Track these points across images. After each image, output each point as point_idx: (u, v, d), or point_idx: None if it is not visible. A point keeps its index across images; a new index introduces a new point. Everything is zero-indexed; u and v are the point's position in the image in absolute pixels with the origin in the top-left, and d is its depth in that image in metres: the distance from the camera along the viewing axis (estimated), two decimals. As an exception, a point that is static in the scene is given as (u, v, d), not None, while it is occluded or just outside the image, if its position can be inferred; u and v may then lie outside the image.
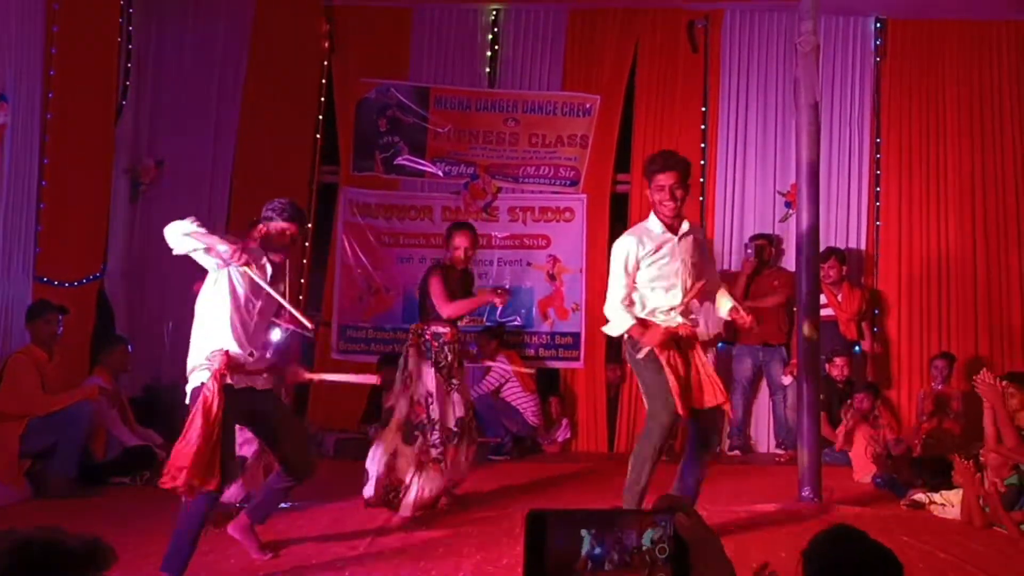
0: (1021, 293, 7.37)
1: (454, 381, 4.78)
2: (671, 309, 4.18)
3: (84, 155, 6.51)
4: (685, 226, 4.23)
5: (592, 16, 7.73)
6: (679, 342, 4.21)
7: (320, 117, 7.74)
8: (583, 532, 0.93)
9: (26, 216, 6.02)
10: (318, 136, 7.74)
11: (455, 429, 4.72)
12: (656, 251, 4.16)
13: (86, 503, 4.94)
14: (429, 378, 4.72)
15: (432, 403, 4.68)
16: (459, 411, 4.75)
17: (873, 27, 7.66)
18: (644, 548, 0.94)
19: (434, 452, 4.65)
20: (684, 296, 4.19)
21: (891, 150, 7.58)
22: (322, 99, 7.75)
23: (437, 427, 4.66)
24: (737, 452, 7.12)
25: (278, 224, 3.81)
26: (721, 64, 7.64)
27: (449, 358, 4.78)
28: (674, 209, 4.15)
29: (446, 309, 4.75)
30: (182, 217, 3.63)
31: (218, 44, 7.61)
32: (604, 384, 7.46)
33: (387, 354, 7.48)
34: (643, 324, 4.18)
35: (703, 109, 7.64)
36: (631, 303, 4.22)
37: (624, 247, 4.21)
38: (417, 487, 4.60)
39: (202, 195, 7.48)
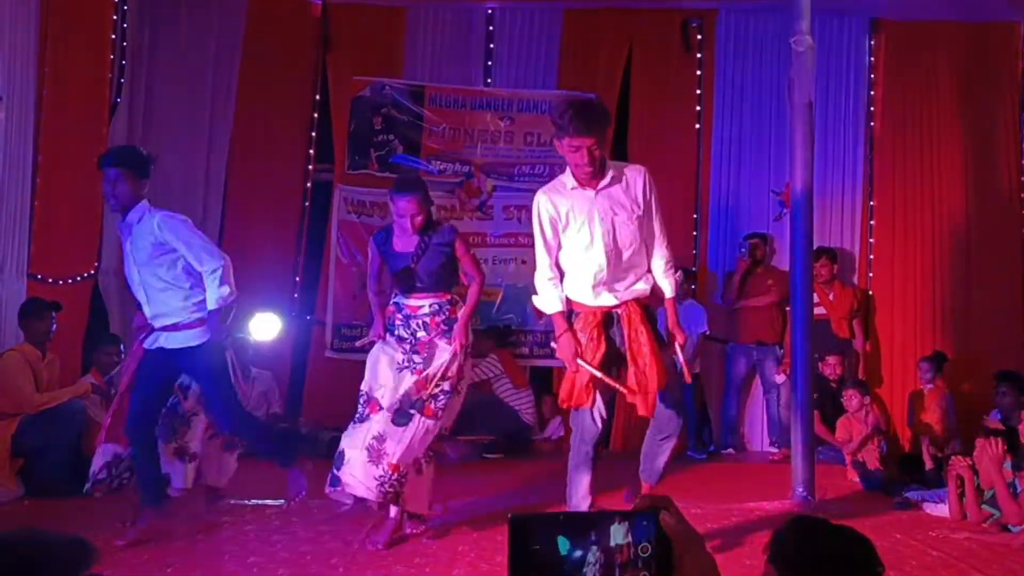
0: (1013, 292, 7.40)
1: (416, 358, 4.18)
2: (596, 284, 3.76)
3: (78, 153, 6.49)
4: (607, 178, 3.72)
5: (587, 15, 7.73)
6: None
7: (315, 115, 7.73)
8: (566, 534, 0.94)
9: (20, 214, 6.01)
10: (313, 134, 7.73)
11: (387, 413, 4.10)
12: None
13: (78, 502, 4.93)
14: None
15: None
16: (404, 391, 4.10)
17: (867, 27, 7.68)
18: (627, 548, 0.95)
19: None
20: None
21: (885, 149, 7.60)
22: (316, 97, 7.74)
23: (364, 399, 4.17)
24: (731, 450, 7.15)
25: None
26: (715, 63, 7.65)
27: (418, 333, 4.21)
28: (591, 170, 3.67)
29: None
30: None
31: (212, 42, 7.60)
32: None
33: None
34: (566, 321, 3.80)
35: (697, 108, 7.65)
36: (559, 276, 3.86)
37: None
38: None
39: (197, 193, 7.47)
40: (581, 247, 3.77)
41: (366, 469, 3.95)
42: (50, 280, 6.22)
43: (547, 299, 3.87)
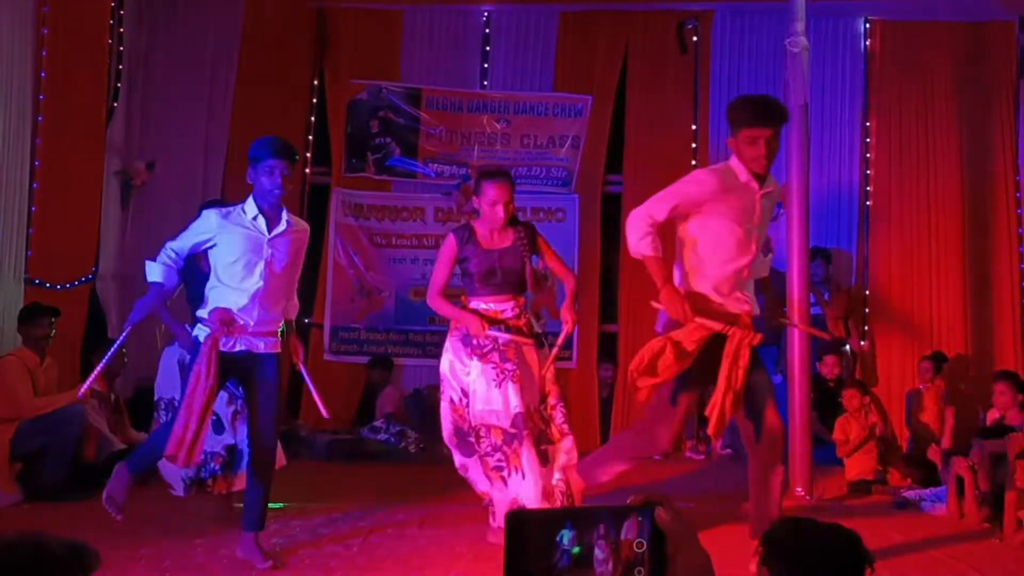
0: (1010, 292, 7.41)
1: (508, 366, 3.92)
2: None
3: (75, 157, 6.50)
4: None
5: (583, 17, 7.75)
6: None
7: (312, 118, 7.75)
8: (562, 530, 0.94)
9: (18, 218, 6.01)
10: (310, 137, 7.75)
11: (511, 430, 3.87)
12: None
13: (77, 506, 4.92)
14: (461, 372, 3.98)
15: (468, 403, 3.95)
16: (516, 405, 3.87)
17: (863, 28, 7.70)
18: (622, 543, 0.96)
19: (491, 461, 3.92)
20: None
21: (881, 150, 7.61)
22: (314, 100, 7.76)
23: (483, 431, 3.91)
24: (729, 451, 7.14)
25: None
26: (711, 64, 7.67)
27: (499, 340, 3.94)
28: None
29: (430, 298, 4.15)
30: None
31: (209, 46, 7.61)
32: (597, 383, 7.48)
33: (379, 355, 7.51)
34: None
35: (694, 109, 7.67)
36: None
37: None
38: (496, 504, 4.00)
39: (193, 197, 7.44)
40: (734, 242, 3.55)
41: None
42: (48, 284, 6.22)
43: (643, 239, 3.50)
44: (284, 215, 3.79)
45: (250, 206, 3.74)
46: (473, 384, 3.94)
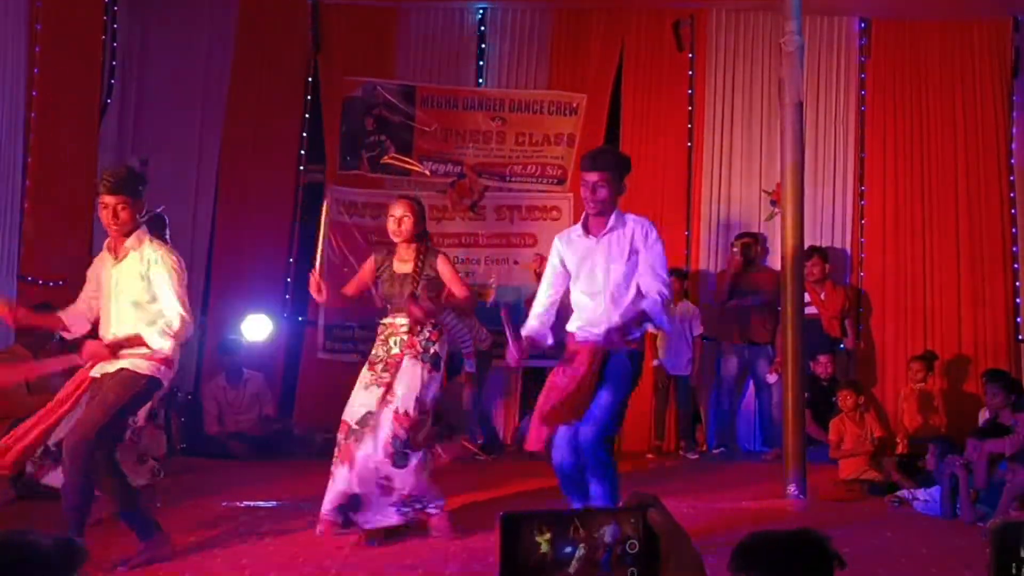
0: (1004, 291, 7.42)
1: (384, 375, 4.30)
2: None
3: (68, 154, 6.48)
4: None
5: (578, 15, 7.74)
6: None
7: (306, 115, 7.73)
8: (556, 532, 0.94)
9: (10, 215, 5.99)
10: (304, 134, 7.72)
11: (355, 426, 4.22)
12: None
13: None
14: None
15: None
16: (368, 404, 4.24)
17: (857, 27, 7.71)
18: (615, 544, 0.96)
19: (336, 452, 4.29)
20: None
21: (875, 149, 7.62)
22: (308, 97, 7.73)
23: (342, 424, 4.31)
24: (723, 450, 7.16)
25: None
26: (706, 63, 7.66)
27: (392, 351, 4.36)
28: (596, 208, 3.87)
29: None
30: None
31: (203, 42, 7.59)
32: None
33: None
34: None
35: (689, 108, 7.67)
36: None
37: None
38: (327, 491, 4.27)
39: (187, 194, 7.45)
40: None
41: (379, 502, 4.15)
42: (40, 281, 6.20)
43: None
44: (128, 247, 3.83)
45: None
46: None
